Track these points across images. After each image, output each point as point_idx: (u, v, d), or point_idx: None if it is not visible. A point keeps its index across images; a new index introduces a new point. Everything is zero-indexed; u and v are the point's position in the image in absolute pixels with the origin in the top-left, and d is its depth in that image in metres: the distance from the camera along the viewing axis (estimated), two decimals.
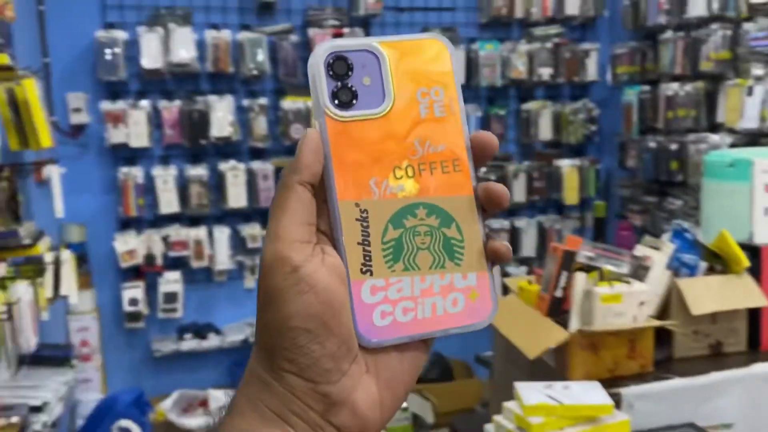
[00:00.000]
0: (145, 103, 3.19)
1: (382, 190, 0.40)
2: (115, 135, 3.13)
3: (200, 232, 3.26)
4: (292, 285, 0.38)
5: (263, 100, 3.33)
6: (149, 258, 3.22)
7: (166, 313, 3.25)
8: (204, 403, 3.17)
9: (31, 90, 2.37)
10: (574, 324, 1.48)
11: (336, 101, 0.39)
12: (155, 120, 3.22)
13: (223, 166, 3.28)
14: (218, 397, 3.12)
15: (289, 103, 3.31)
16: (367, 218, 0.39)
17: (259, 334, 0.40)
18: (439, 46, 0.42)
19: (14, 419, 1.92)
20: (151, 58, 3.09)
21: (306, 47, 3.39)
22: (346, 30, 3.37)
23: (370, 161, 0.40)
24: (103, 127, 3.15)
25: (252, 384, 0.40)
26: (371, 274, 0.39)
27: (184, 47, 3.12)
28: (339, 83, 0.40)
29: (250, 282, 3.49)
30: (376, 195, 0.40)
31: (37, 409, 2.21)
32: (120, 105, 3.15)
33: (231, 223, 3.39)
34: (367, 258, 0.39)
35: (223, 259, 3.29)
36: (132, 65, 3.16)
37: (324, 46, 0.40)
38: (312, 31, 3.35)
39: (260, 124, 3.31)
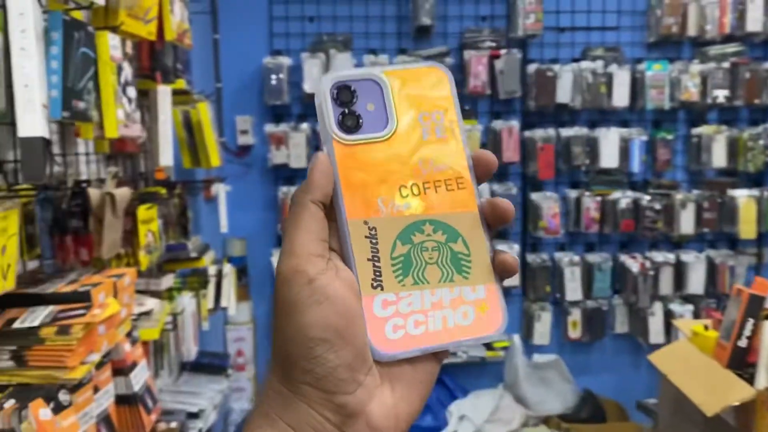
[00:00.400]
0: (305, 125, 3.31)
1: (389, 209, 0.41)
2: (277, 156, 3.28)
3: None
4: (309, 296, 0.39)
5: None
6: None
7: None
8: None
9: (204, 113, 2.53)
10: (762, 380, 1.30)
11: (342, 126, 0.42)
12: (313, 142, 3.34)
13: None
14: None
15: None
16: (375, 235, 0.41)
17: (276, 347, 0.41)
18: (439, 74, 0.44)
19: (173, 424, 2.02)
20: (312, 82, 3.21)
21: (461, 70, 3.36)
22: (502, 51, 3.31)
23: (376, 181, 0.41)
24: (267, 148, 3.30)
25: (269, 399, 0.41)
26: (382, 289, 0.41)
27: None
28: (345, 110, 0.42)
29: None
30: (383, 213, 0.41)
31: (194, 416, 2.32)
32: (282, 127, 3.29)
33: None
34: (377, 273, 0.41)
35: None
36: (294, 90, 3.30)
37: (330, 76, 0.42)
38: (468, 54, 3.32)
39: None
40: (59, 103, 1.28)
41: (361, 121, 0.42)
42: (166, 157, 2.03)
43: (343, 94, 0.42)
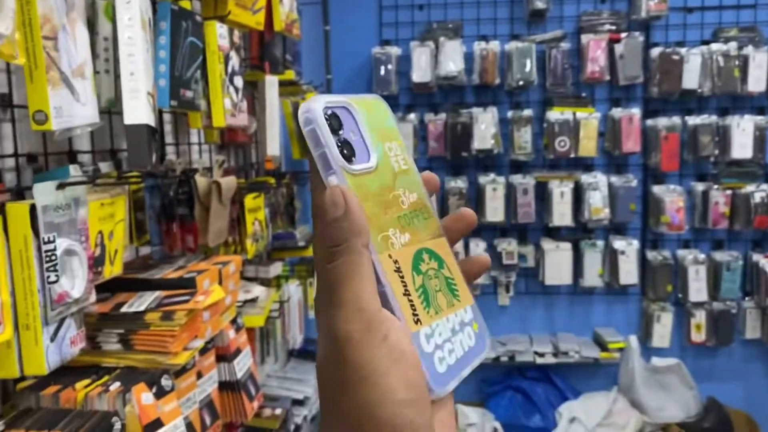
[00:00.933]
0: (412, 116, 3.27)
1: (399, 240, 0.40)
2: None
3: (457, 245, 3.23)
4: (386, 355, 0.35)
5: (528, 112, 3.21)
6: None
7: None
8: None
9: None
10: None
11: (343, 155, 0.38)
12: (421, 132, 3.29)
13: (483, 179, 3.22)
14: (465, 413, 3.06)
15: (555, 114, 3.14)
16: (400, 269, 0.39)
17: (347, 417, 0.35)
18: (382, 105, 0.43)
19: (278, 411, 2.05)
20: (420, 72, 3.16)
21: (578, 55, 3.19)
22: (623, 35, 3.11)
23: (383, 213, 0.39)
24: None
25: None
26: (420, 323, 0.39)
27: (452, 60, 3.13)
28: (339, 138, 0.39)
29: (504, 299, 3.39)
30: (397, 245, 0.39)
31: (299, 402, 2.35)
32: None
33: (487, 238, 3.32)
34: (413, 308, 0.39)
35: None
36: (403, 80, 3.27)
37: (318, 101, 0.38)
38: (586, 38, 3.15)
39: (523, 137, 3.19)
40: (167, 92, 1.30)
41: (353, 149, 0.39)
42: (273, 146, 2.04)
43: (334, 121, 0.39)
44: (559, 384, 3.27)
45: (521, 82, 3.13)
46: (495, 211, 3.19)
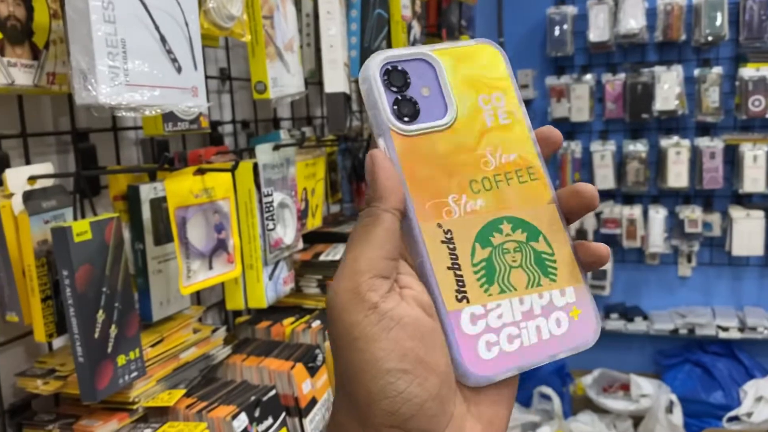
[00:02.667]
0: (588, 77, 3.18)
1: (463, 208, 0.36)
2: (558, 109, 3.21)
3: (635, 211, 3.13)
4: (376, 322, 0.33)
5: (718, 69, 2.99)
6: (581, 233, 3.23)
7: (594, 289, 3.23)
8: (625, 387, 3.07)
9: None
10: None
11: (399, 115, 0.36)
12: (597, 94, 3.19)
13: (665, 142, 3.06)
14: (639, 384, 2.99)
15: (749, 71, 2.90)
16: (452, 239, 0.35)
17: (344, 384, 0.34)
18: (491, 52, 0.40)
19: None
20: (598, 30, 3.06)
21: None
22: None
23: (444, 177, 0.36)
24: (547, 102, 3.25)
25: None
26: (468, 301, 0.35)
27: (633, 17, 2.99)
28: (399, 96, 0.36)
29: (685, 270, 3.23)
30: (456, 213, 0.36)
31: None
32: (564, 80, 3.20)
33: (668, 204, 3.17)
34: (461, 284, 0.35)
35: (657, 241, 3.10)
36: (579, 40, 3.18)
37: (376, 58, 0.36)
38: None
39: (712, 96, 2.98)
40: (357, 62, 1.41)
41: (418, 108, 0.36)
42: None
43: (395, 78, 0.36)
44: (745, 361, 3.07)
45: (710, 38, 2.92)
46: (678, 176, 3.03)
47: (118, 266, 0.85)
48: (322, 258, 1.34)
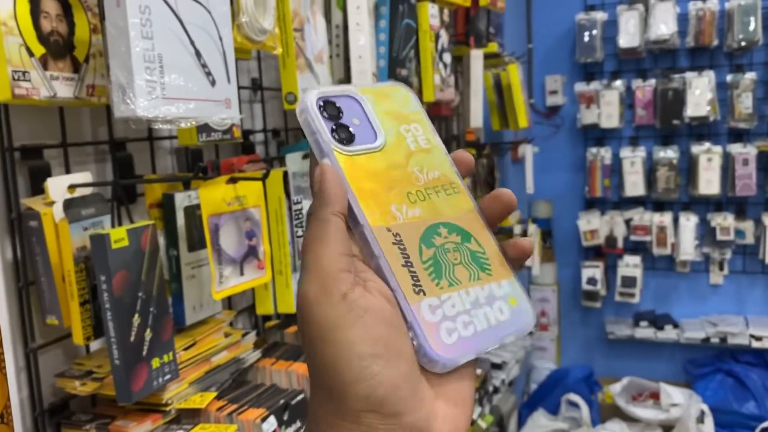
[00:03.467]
0: (618, 83, 3.16)
1: (405, 215, 0.40)
2: (587, 115, 3.19)
3: (665, 218, 3.09)
4: (347, 312, 0.35)
5: (751, 75, 2.94)
6: (610, 240, 3.21)
7: (623, 297, 3.20)
8: (655, 395, 3.03)
9: (514, 75, 2.57)
10: None
11: (337, 138, 0.40)
12: (627, 100, 3.17)
13: (697, 148, 3.03)
14: (669, 393, 2.95)
15: None
16: (401, 241, 0.39)
17: (318, 377, 0.36)
18: (404, 92, 0.45)
19: (478, 371, 2.16)
20: (628, 36, 3.04)
21: None
22: None
23: (385, 190, 0.40)
24: (576, 108, 3.24)
25: None
26: (425, 294, 0.38)
27: (664, 22, 2.96)
28: (334, 124, 0.41)
29: (717, 277, 3.18)
30: (401, 219, 0.40)
31: (497, 366, 2.44)
32: (594, 86, 3.19)
33: (699, 212, 3.13)
34: (416, 279, 0.39)
35: (688, 248, 3.06)
36: (609, 46, 3.16)
37: (311, 93, 0.41)
38: None
39: (745, 102, 2.94)
40: (386, 71, 1.43)
41: (352, 133, 0.41)
42: (476, 119, 2.12)
43: (330, 109, 0.41)
44: None
45: (743, 43, 2.88)
46: (709, 183, 2.99)
47: (153, 272, 0.88)
48: None
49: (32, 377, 0.89)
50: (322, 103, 0.41)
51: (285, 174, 1.05)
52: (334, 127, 0.41)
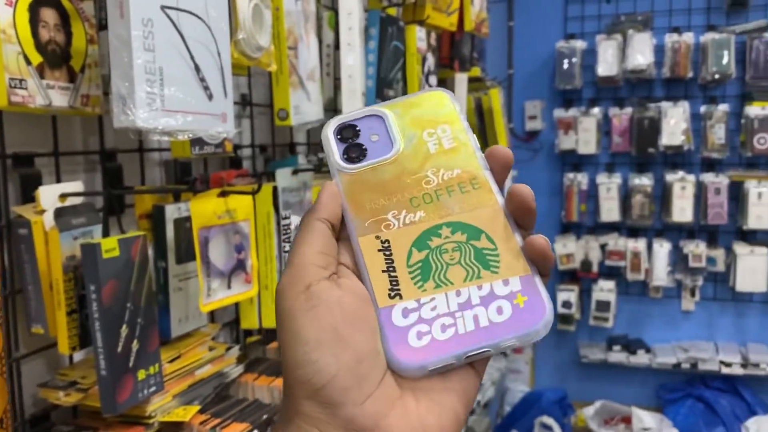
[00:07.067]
0: (596, 110, 3.22)
1: (401, 221, 0.41)
2: (565, 141, 3.25)
3: (639, 244, 3.15)
4: (304, 302, 0.36)
5: (724, 107, 3.03)
6: (585, 264, 3.26)
7: (597, 321, 3.24)
8: (626, 420, 3.06)
9: (496, 99, 2.62)
10: None
11: (348, 159, 0.43)
12: (605, 127, 3.23)
13: (671, 176, 3.10)
14: (641, 417, 2.98)
15: (755, 109, 2.94)
16: (389, 247, 0.40)
17: (282, 368, 0.37)
18: (438, 95, 0.45)
19: None
20: (606, 65, 3.11)
21: None
22: None
23: (385, 199, 0.41)
24: (555, 133, 3.30)
25: (276, 429, 0.37)
26: (400, 298, 0.38)
27: (641, 53, 3.04)
28: (348, 144, 0.43)
29: (689, 304, 3.24)
30: (395, 226, 0.41)
31: None
32: (572, 112, 3.25)
33: (672, 239, 3.19)
34: (394, 283, 0.39)
35: (661, 274, 3.12)
36: (587, 74, 3.23)
37: (332, 121, 0.45)
38: None
39: (717, 133, 3.02)
40: (374, 91, 1.46)
41: (365, 150, 0.44)
42: None
43: (345, 132, 0.44)
44: (748, 397, 3.07)
45: (717, 76, 2.97)
46: (683, 211, 3.06)
47: (142, 283, 0.88)
48: None
49: (14, 387, 0.88)
50: (339, 128, 0.44)
51: (274, 189, 1.06)
52: (346, 147, 0.44)
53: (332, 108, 1.45)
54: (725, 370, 3.02)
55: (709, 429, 2.99)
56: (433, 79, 1.77)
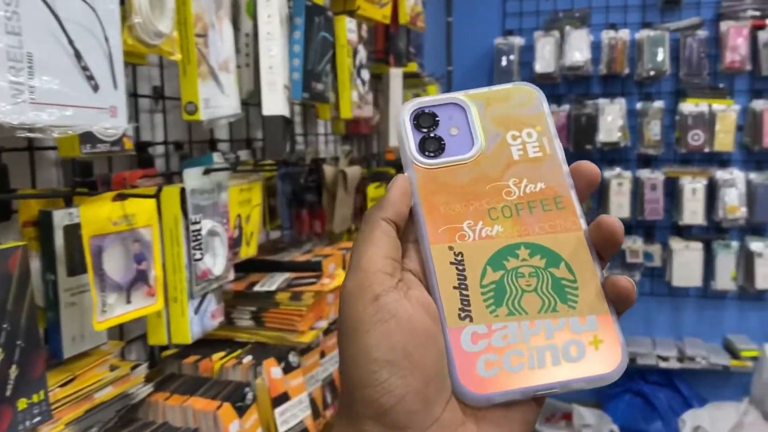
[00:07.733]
0: None
1: (477, 233, 0.37)
2: None
3: None
4: (373, 314, 0.34)
5: (659, 103, 3.06)
6: None
7: None
8: (567, 417, 3.07)
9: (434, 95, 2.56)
10: None
11: (423, 151, 0.39)
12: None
13: (608, 173, 3.11)
14: (581, 414, 2.99)
15: (689, 106, 2.98)
16: (462, 261, 0.36)
17: (342, 378, 0.35)
18: (527, 92, 0.41)
19: None
20: (544, 62, 3.10)
21: (716, 44, 3.00)
22: None
23: (462, 205, 0.38)
24: None
25: None
26: (471, 320, 0.35)
27: (578, 50, 3.04)
28: (425, 134, 0.40)
29: None
30: (470, 238, 0.37)
31: None
32: None
33: None
34: (465, 303, 0.36)
35: None
36: (525, 70, 3.22)
37: (410, 103, 0.41)
38: (725, 25, 2.96)
39: (653, 129, 3.05)
40: (300, 84, 1.37)
41: (443, 144, 0.40)
42: (395, 138, 2.09)
43: (423, 120, 0.40)
44: (684, 391, 3.11)
45: (652, 72, 2.99)
46: (620, 207, 3.08)
47: (22, 300, 0.77)
48: (256, 288, 1.27)
49: None
50: (416, 114, 0.40)
51: (182, 191, 0.96)
52: (423, 138, 0.40)
53: (255, 102, 1.35)
54: (662, 365, 3.06)
55: (648, 423, 3.02)
56: (365, 73, 1.69)
